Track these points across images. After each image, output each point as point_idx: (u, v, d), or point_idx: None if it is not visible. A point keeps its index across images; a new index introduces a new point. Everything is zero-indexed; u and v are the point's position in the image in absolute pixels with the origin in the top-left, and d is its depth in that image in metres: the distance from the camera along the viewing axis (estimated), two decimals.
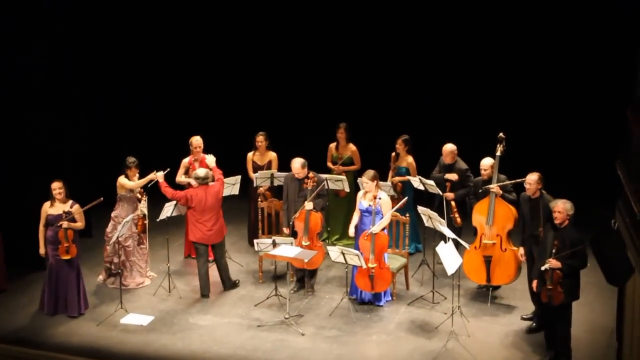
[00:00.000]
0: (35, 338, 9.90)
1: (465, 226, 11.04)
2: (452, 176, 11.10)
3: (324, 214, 10.90)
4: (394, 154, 11.68)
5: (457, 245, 10.04)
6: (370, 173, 10.42)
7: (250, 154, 12.00)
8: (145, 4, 13.92)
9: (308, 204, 10.54)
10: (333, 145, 12.17)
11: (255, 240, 10.55)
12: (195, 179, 10.68)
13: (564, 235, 8.90)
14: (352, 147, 12.07)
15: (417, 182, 11.21)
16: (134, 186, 10.84)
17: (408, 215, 10.70)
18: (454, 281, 9.86)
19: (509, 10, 13.04)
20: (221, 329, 10.05)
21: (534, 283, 9.21)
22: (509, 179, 10.35)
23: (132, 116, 14.08)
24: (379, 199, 10.32)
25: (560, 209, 8.94)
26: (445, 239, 10.06)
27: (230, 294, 10.90)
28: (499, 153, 10.32)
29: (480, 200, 10.39)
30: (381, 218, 10.29)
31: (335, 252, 10.08)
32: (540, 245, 9.33)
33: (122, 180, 10.86)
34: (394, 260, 10.58)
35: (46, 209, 10.15)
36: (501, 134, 10.37)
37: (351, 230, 10.63)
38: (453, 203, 10.99)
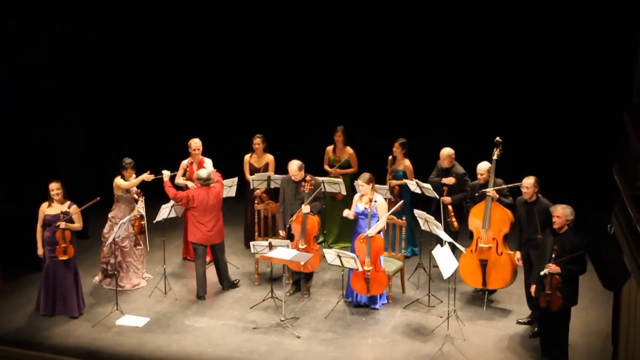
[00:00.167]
0: (30, 339, 9.88)
1: (462, 230, 11.04)
2: (450, 180, 11.10)
3: (320, 217, 10.91)
4: (391, 157, 11.69)
5: (454, 249, 10.05)
6: (365, 176, 10.42)
7: (247, 156, 12.00)
8: (145, 4, 13.93)
9: (305, 207, 10.54)
10: (330, 148, 12.17)
11: (251, 243, 10.53)
12: (198, 179, 10.73)
13: (564, 240, 8.88)
14: (350, 150, 12.07)
15: (414, 186, 11.21)
16: (128, 186, 10.85)
17: (405, 218, 10.71)
18: (450, 285, 9.86)
19: (507, 15, 13.04)
20: (217, 331, 10.05)
21: (532, 288, 9.21)
22: (505, 182, 10.37)
23: (132, 117, 14.07)
24: (375, 201, 10.32)
25: (560, 213, 8.93)
26: (442, 243, 10.06)
27: (226, 296, 10.90)
28: (495, 157, 10.32)
29: (477, 204, 10.39)
30: (377, 221, 10.29)
31: (331, 255, 10.08)
32: (539, 249, 9.31)
33: (118, 180, 10.88)
34: (390, 263, 10.59)
35: (44, 210, 10.12)
36: (498, 138, 10.37)
37: (349, 212, 10.50)
38: (450, 207, 11.00)
